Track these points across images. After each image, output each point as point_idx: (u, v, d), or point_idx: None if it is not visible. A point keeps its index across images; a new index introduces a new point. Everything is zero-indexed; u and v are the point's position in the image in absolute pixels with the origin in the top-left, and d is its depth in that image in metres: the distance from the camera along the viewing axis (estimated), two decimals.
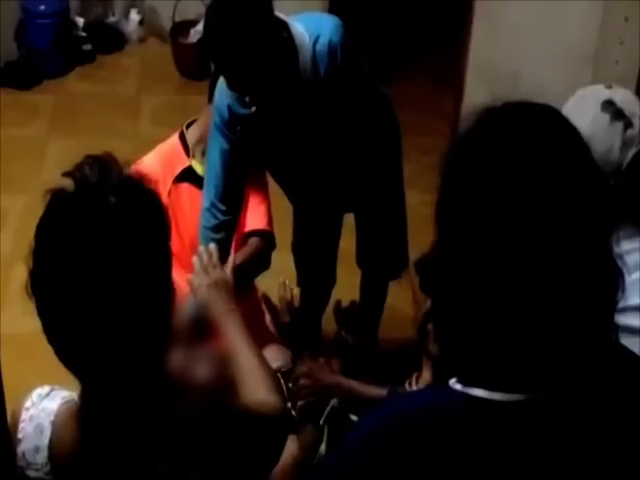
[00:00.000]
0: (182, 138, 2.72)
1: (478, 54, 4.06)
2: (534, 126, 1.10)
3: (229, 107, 2.48)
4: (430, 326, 1.77)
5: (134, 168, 2.20)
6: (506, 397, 1.10)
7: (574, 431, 1.12)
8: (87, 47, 5.27)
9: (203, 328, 2.48)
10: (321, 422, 2.10)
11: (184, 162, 2.70)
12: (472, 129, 1.12)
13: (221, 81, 2.46)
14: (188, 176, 2.70)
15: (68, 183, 1.27)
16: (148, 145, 2.83)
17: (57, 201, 1.26)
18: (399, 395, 1.26)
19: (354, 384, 2.22)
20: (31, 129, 4.73)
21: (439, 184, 1.13)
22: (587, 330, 1.10)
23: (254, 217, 2.75)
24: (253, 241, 2.71)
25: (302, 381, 2.26)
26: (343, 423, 2.09)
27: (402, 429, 1.13)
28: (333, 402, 2.17)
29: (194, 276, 2.03)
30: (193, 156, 2.70)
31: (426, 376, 1.97)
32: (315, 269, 3.12)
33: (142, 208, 1.29)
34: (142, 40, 5.46)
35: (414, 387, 2.01)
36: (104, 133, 4.54)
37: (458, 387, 1.13)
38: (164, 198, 2.50)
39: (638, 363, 1.22)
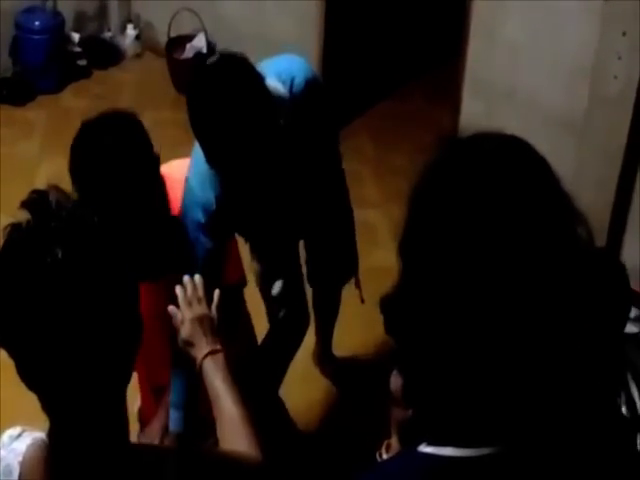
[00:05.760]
0: None
1: (474, 69, 4.02)
2: (502, 158, 1.04)
3: (217, 198, 2.36)
4: (395, 389, 1.71)
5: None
6: (476, 452, 1.04)
7: None
8: (82, 62, 5.24)
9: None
10: None
11: None
12: (439, 161, 1.07)
13: (199, 178, 2.35)
14: None
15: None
16: None
17: (23, 230, 1.19)
18: (366, 471, 1.19)
19: None
20: (25, 146, 4.69)
21: (405, 217, 1.06)
22: (564, 382, 1.04)
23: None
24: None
25: None
26: None
27: None
28: None
29: (177, 309, 1.90)
30: None
31: (395, 443, 1.85)
32: (287, 299, 3.02)
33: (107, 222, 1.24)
34: (138, 55, 5.44)
35: (385, 457, 1.87)
36: None
37: (427, 450, 1.07)
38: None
39: (628, 425, 1.18)
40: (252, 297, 2.83)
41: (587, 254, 1.05)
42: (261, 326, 2.92)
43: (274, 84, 2.37)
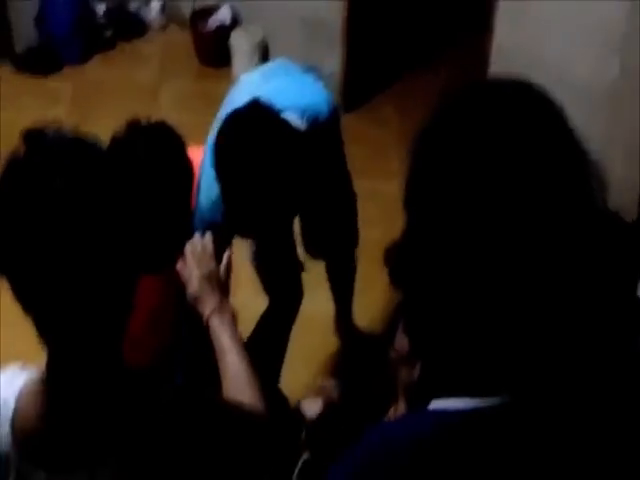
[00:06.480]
0: None
1: (502, 42, 3.98)
2: (517, 103, 1.02)
3: (223, 215, 2.40)
4: (400, 348, 1.69)
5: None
6: (485, 402, 1.03)
7: (558, 433, 1.04)
8: (108, 34, 5.25)
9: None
10: (294, 478, 1.98)
11: None
12: (448, 106, 1.05)
13: (208, 202, 2.39)
14: None
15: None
16: None
17: (21, 158, 1.17)
18: (377, 426, 1.17)
19: None
20: (49, 116, 4.70)
21: (409, 164, 1.04)
22: (574, 328, 1.01)
23: None
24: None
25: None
26: (316, 477, 1.95)
27: (385, 460, 1.04)
28: (305, 456, 2.00)
29: (185, 266, 1.89)
30: None
31: (402, 406, 1.82)
32: (284, 275, 3.03)
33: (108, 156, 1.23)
34: (163, 27, 5.43)
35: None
36: (123, 120, 4.49)
37: (435, 406, 1.05)
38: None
39: None
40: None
41: (597, 201, 1.03)
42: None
43: (293, 119, 2.36)
